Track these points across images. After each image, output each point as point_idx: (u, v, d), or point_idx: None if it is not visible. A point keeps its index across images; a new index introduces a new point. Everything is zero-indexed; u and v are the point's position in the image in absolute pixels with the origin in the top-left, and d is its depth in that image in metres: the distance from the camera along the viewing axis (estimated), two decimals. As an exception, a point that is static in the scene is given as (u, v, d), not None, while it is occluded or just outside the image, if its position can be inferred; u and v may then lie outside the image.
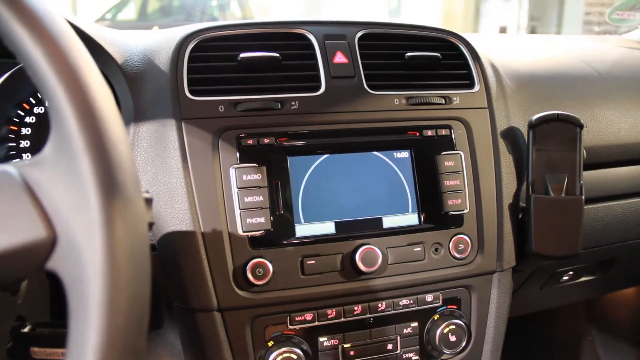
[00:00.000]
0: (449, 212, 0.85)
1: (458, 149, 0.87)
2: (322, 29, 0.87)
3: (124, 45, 0.87)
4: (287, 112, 0.80)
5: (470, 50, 0.94)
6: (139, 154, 0.80)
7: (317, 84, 0.83)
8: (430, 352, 0.86)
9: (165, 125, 0.78)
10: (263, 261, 0.75)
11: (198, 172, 0.76)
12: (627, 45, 1.39)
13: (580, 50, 1.25)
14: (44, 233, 0.41)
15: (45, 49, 0.40)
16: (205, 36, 0.82)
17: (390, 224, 0.82)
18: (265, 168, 0.78)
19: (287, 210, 0.78)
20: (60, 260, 0.41)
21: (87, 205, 0.39)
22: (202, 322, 0.76)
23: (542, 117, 0.90)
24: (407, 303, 0.84)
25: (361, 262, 0.78)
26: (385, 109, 0.85)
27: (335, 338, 0.81)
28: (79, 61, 0.42)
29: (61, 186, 0.41)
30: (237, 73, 0.81)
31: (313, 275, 0.78)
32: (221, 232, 0.75)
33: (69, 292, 0.41)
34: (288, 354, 0.76)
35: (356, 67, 0.85)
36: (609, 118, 1.07)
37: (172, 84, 0.78)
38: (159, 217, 0.77)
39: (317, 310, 0.80)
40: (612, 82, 1.13)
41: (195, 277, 0.75)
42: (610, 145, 1.06)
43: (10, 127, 0.88)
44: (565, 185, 0.89)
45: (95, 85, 0.42)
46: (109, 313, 0.39)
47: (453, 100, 0.89)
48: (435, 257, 0.84)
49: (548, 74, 1.09)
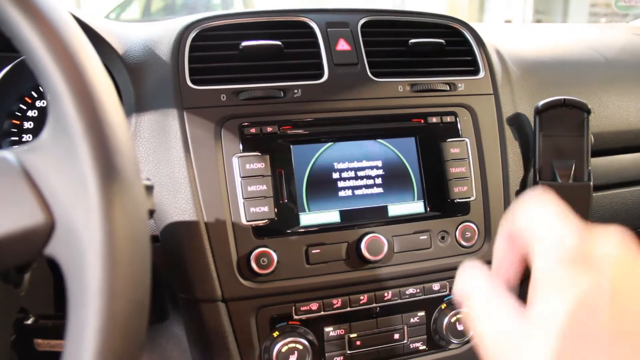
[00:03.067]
0: (455, 199, 0.84)
1: (463, 136, 0.86)
2: (324, 17, 0.86)
3: (125, 36, 0.87)
4: (290, 100, 0.80)
5: (475, 36, 0.93)
6: (141, 144, 0.79)
7: (320, 72, 0.82)
8: (437, 341, 0.86)
9: (167, 115, 0.77)
10: (267, 251, 0.75)
11: (200, 162, 0.75)
12: (634, 32, 1.37)
13: (587, 37, 1.24)
14: (42, 218, 0.40)
15: (42, 32, 0.40)
16: (206, 25, 0.81)
17: (396, 212, 0.82)
18: (268, 157, 0.77)
19: (291, 199, 0.77)
20: (58, 245, 0.41)
21: (85, 189, 0.39)
22: (207, 313, 0.76)
23: (548, 102, 0.89)
24: (414, 292, 0.84)
25: (367, 250, 0.78)
26: (389, 96, 0.84)
27: (341, 328, 0.81)
28: (76, 45, 0.41)
29: (59, 171, 0.41)
30: (239, 62, 0.81)
31: (318, 264, 0.77)
32: (224, 221, 0.74)
33: (68, 278, 0.40)
34: (293, 344, 0.76)
35: (359, 55, 0.84)
36: (616, 104, 1.05)
37: (173, 74, 0.78)
38: (161, 208, 0.76)
39: (322, 300, 0.79)
40: (619, 68, 1.11)
41: (199, 268, 0.74)
42: (619, 132, 1.05)
43: (12, 121, 0.88)
44: (573, 171, 0.88)
45: (93, 69, 0.41)
46: (108, 298, 0.38)
47: (458, 86, 0.88)
48: (441, 245, 0.83)
49: (554, 60, 1.08)
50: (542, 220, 0.35)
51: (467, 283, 0.37)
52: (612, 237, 0.33)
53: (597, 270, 0.31)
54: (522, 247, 0.36)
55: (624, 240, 0.33)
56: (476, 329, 0.35)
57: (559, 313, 0.31)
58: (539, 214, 0.35)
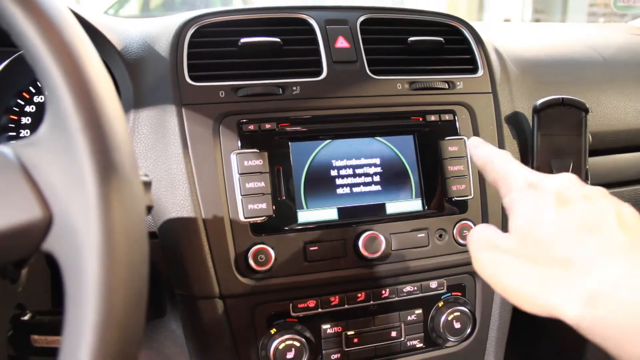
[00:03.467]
0: (453, 197, 0.84)
1: (462, 134, 0.86)
2: (323, 14, 0.86)
3: (124, 32, 0.87)
4: (288, 97, 0.79)
5: (474, 34, 0.93)
6: (139, 140, 0.79)
7: (319, 69, 0.82)
8: (434, 339, 0.86)
9: (166, 111, 0.77)
10: (265, 247, 0.75)
11: (199, 158, 0.75)
12: (633, 32, 1.37)
13: (585, 36, 1.24)
14: (39, 213, 0.40)
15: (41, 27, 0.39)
16: (205, 22, 0.81)
17: (394, 210, 0.82)
18: (266, 154, 0.77)
19: (289, 196, 0.77)
20: (56, 241, 0.41)
21: (83, 184, 0.39)
22: (204, 310, 0.76)
23: (547, 101, 0.89)
24: (411, 290, 0.84)
25: (364, 248, 0.78)
26: (387, 94, 0.84)
27: (339, 325, 0.81)
28: (75, 40, 0.41)
29: (57, 166, 0.40)
30: (237, 58, 0.80)
31: (316, 261, 0.77)
32: (222, 218, 0.74)
33: (65, 273, 0.40)
34: (291, 341, 0.76)
35: (358, 52, 0.84)
36: (614, 103, 1.05)
37: (172, 70, 0.77)
38: (159, 204, 0.76)
39: (320, 297, 0.79)
40: (618, 68, 1.11)
41: (197, 264, 0.74)
42: (616, 131, 1.05)
43: (10, 117, 0.87)
44: (571, 170, 0.88)
45: (92, 64, 0.41)
46: (106, 294, 0.38)
47: (456, 85, 0.88)
48: (439, 243, 0.83)
49: (553, 59, 1.08)
50: (514, 166, 0.56)
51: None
52: (560, 175, 0.53)
53: (546, 190, 0.51)
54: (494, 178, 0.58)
55: (569, 177, 0.52)
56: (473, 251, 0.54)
57: (522, 223, 0.51)
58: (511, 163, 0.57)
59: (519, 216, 0.52)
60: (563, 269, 0.47)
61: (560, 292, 0.47)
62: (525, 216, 0.51)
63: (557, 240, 0.48)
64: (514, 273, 0.50)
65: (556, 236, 0.48)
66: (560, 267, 0.47)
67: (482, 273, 0.54)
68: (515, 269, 0.50)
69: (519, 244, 0.51)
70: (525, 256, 0.50)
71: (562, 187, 0.51)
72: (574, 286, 0.46)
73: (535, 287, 0.49)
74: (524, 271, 0.50)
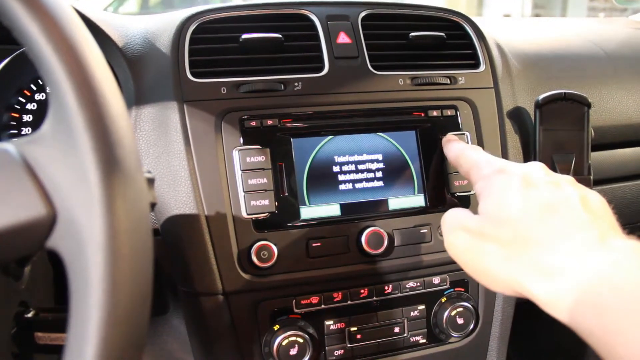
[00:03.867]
0: (455, 193, 0.84)
1: (464, 130, 0.86)
2: (324, 10, 0.86)
3: (125, 29, 0.86)
4: (290, 93, 0.79)
5: (475, 29, 0.93)
6: (141, 137, 0.79)
7: (321, 65, 0.82)
8: (437, 335, 0.86)
9: (167, 108, 0.77)
10: (268, 244, 0.74)
11: (201, 155, 0.75)
12: (634, 26, 1.37)
13: (587, 31, 1.24)
14: (43, 211, 0.40)
15: (44, 24, 0.39)
16: (206, 18, 0.81)
17: (396, 206, 0.81)
18: (269, 150, 0.77)
19: (291, 193, 0.77)
20: (60, 238, 0.41)
21: (87, 181, 0.39)
22: (207, 306, 0.76)
23: (549, 96, 0.89)
24: (414, 285, 0.84)
25: (367, 244, 0.78)
26: (389, 90, 0.84)
27: (342, 321, 0.81)
28: (78, 37, 0.41)
29: (60, 163, 0.40)
30: (239, 54, 0.80)
31: (318, 257, 0.77)
32: (225, 215, 0.74)
33: (70, 270, 0.40)
34: (294, 337, 0.76)
35: (360, 48, 0.84)
36: (616, 98, 1.05)
37: (173, 67, 0.77)
38: (162, 201, 0.76)
39: (322, 294, 0.79)
40: (619, 62, 1.11)
41: (199, 261, 0.74)
42: (619, 125, 1.05)
43: (11, 114, 0.87)
44: (573, 165, 0.88)
45: (95, 61, 0.41)
46: (110, 291, 0.38)
47: (458, 80, 0.87)
48: (441, 239, 0.83)
49: (555, 54, 1.08)
50: (482, 155, 0.62)
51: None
52: (529, 163, 0.57)
53: (513, 175, 0.54)
54: (466, 169, 0.64)
55: (537, 164, 0.56)
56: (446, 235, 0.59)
57: (489, 205, 0.54)
58: (479, 153, 0.63)
59: (487, 199, 0.55)
60: (525, 246, 0.50)
61: (522, 269, 0.50)
62: (492, 199, 0.55)
63: (520, 219, 0.51)
64: (481, 253, 0.53)
65: (519, 216, 0.51)
66: (523, 244, 0.50)
67: (452, 254, 0.58)
68: (482, 250, 0.53)
69: (486, 225, 0.54)
70: (491, 236, 0.53)
71: (528, 172, 0.54)
72: (534, 262, 0.49)
73: (499, 266, 0.52)
74: (489, 250, 0.52)
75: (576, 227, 0.49)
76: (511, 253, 0.51)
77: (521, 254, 0.50)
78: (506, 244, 0.51)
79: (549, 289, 0.48)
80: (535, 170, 0.55)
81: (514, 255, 0.50)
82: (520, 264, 0.50)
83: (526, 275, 0.49)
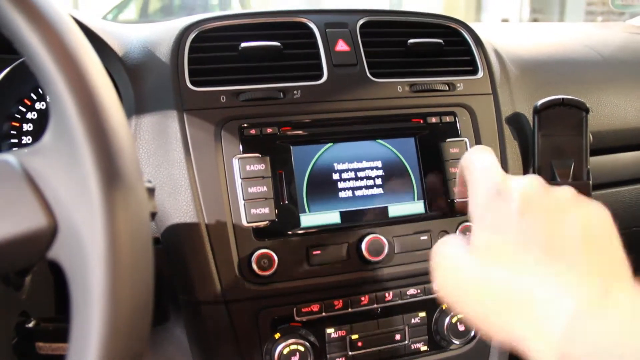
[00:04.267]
0: (455, 199, 0.84)
1: (463, 136, 0.86)
2: (323, 18, 0.86)
3: (124, 38, 0.87)
4: (289, 101, 0.80)
5: (473, 36, 0.93)
6: (141, 146, 0.79)
7: (319, 73, 0.82)
8: (438, 342, 0.86)
9: (167, 117, 0.77)
10: (268, 252, 0.75)
11: (201, 164, 0.75)
12: (631, 30, 1.37)
13: (584, 35, 1.24)
14: (44, 222, 0.40)
15: (44, 34, 0.39)
16: (205, 27, 0.81)
17: (396, 213, 0.82)
18: (268, 158, 0.77)
19: (291, 201, 0.77)
20: (61, 249, 0.41)
21: (88, 192, 0.39)
22: (208, 315, 0.76)
23: (547, 102, 0.89)
24: (415, 292, 0.84)
25: (367, 251, 0.78)
26: (388, 97, 0.84)
27: (343, 329, 0.81)
28: (77, 47, 0.41)
29: (61, 174, 0.41)
30: (238, 63, 0.81)
31: (319, 265, 0.77)
32: (225, 223, 0.74)
33: (71, 281, 0.40)
34: (295, 345, 0.76)
35: (358, 55, 0.84)
36: (614, 102, 1.05)
37: (173, 75, 0.77)
38: (162, 210, 0.76)
39: (323, 301, 0.79)
40: (617, 67, 1.11)
41: (200, 269, 0.74)
42: (617, 130, 1.05)
43: (12, 123, 0.87)
44: (572, 170, 0.88)
45: (95, 71, 0.41)
46: (112, 301, 0.38)
47: (457, 86, 0.88)
48: (441, 245, 0.83)
49: (552, 59, 1.08)
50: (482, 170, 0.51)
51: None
52: (526, 179, 0.48)
53: (509, 199, 0.47)
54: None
55: (534, 181, 0.48)
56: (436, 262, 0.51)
57: (484, 235, 0.47)
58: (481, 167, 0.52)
59: (479, 232, 0.48)
60: (523, 302, 0.43)
61: (525, 329, 0.43)
62: (485, 232, 0.48)
63: (516, 264, 0.44)
64: (477, 300, 0.46)
65: (515, 259, 0.44)
66: (520, 299, 0.43)
67: (446, 299, 0.50)
68: (478, 295, 0.46)
69: (481, 265, 0.46)
70: (487, 280, 0.45)
71: (523, 198, 0.46)
72: (537, 324, 0.42)
73: (500, 319, 0.45)
74: (487, 297, 0.45)
75: (577, 275, 0.42)
76: (510, 307, 0.44)
77: (521, 313, 0.43)
78: (503, 295, 0.44)
79: (544, 348, 0.41)
80: (530, 191, 0.47)
81: (514, 311, 0.43)
82: (522, 324, 0.43)
83: (531, 339, 0.42)
